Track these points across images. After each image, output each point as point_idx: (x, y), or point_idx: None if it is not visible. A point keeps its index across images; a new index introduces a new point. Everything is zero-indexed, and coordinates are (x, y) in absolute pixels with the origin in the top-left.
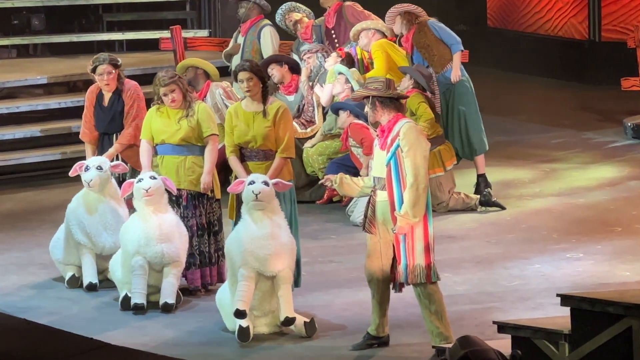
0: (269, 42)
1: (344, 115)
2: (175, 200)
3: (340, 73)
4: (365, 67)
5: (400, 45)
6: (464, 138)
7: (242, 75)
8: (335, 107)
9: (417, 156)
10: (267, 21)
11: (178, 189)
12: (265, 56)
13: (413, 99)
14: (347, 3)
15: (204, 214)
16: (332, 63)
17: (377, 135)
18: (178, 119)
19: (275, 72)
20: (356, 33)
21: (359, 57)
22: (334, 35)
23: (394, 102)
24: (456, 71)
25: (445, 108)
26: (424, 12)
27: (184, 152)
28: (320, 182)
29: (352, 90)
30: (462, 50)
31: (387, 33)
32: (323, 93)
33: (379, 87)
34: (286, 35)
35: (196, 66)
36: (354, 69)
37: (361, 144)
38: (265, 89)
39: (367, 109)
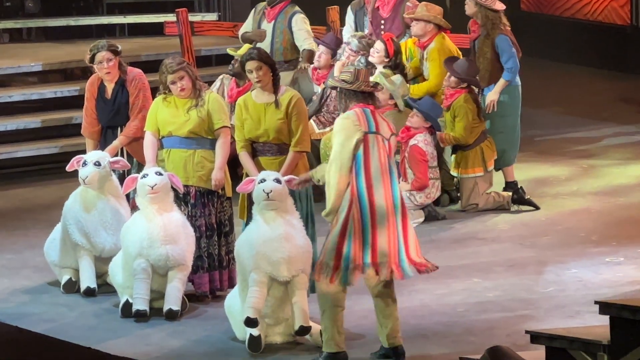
0: (303, 29)
1: (419, 120)
2: (182, 198)
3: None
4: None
5: (468, 30)
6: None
7: (250, 64)
8: (418, 108)
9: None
10: (296, 7)
11: (186, 186)
12: (299, 45)
13: (459, 105)
14: (409, 3)
15: (214, 213)
16: (379, 62)
17: None
18: (187, 109)
19: (323, 56)
20: (407, 21)
21: (407, 54)
22: (382, 26)
23: (361, 94)
24: (493, 96)
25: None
26: (506, 22)
27: (193, 145)
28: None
29: (396, 106)
30: (509, 81)
31: (443, 24)
32: None
33: (346, 78)
34: (315, 21)
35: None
36: (401, 80)
37: (414, 175)
38: (276, 78)
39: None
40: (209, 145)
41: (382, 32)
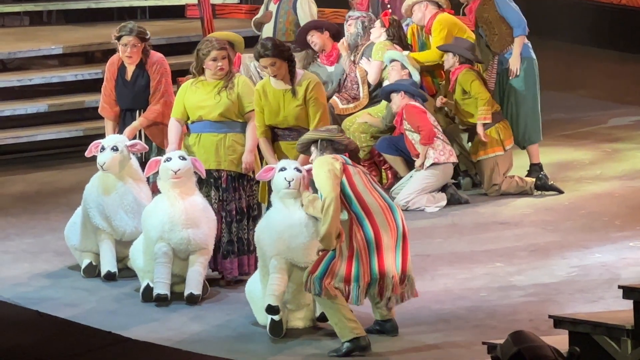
0: (307, 11)
1: (397, 98)
2: (213, 182)
3: (393, 60)
4: (421, 45)
5: (463, 14)
6: (516, 124)
7: (264, 62)
8: (387, 91)
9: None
10: None
11: (217, 170)
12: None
13: (465, 77)
14: None
15: (244, 196)
16: (378, 35)
17: None
18: (217, 92)
19: (316, 39)
20: (408, 7)
21: (410, 34)
22: (388, 7)
23: (338, 145)
24: (515, 61)
25: (500, 89)
26: None
27: (224, 129)
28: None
29: (410, 76)
30: (525, 35)
31: (443, 4)
32: (370, 69)
33: (327, 134)
34: (322, 2)
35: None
36: (407, 52)
37: (418, 131)
38: (292, 67)
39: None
40: (239, 128)
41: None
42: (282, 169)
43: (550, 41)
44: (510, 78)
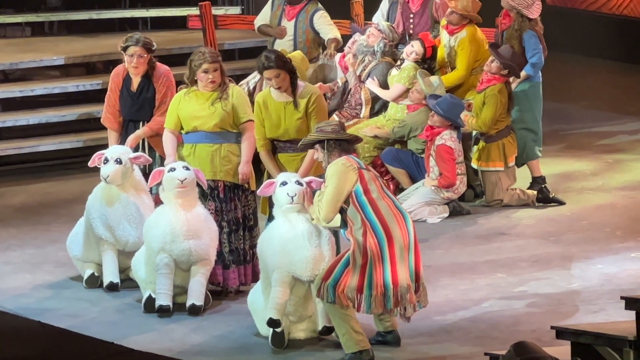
0: (326, 25)
1: (443, 121)
2: (209, 193)
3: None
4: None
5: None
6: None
7: (268, 73)
8: (440, 109)
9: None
10: (318, 4)
11: (213, 181)
12: (325, 37)
13: (492, 94)
14: (437, 0)
15: (240, 207)
16: (412, 57)
17: None
18: (211, 103)
19: (375, 32)
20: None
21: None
22: (411, 20)
23: (346, 143)
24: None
25: None
26: (540, 24)
27: (219, 139)
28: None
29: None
30: (530, 75)
31: (474, 18)
32: (393, 91)
33: (331, 130)
34: (336, 15)
35: None
36: (439, 82)
37: (439, 172)
38: (294, 79)
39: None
40: (234, 139)
41: (411, 26)
42: (283, 184)
43: (552, 52)
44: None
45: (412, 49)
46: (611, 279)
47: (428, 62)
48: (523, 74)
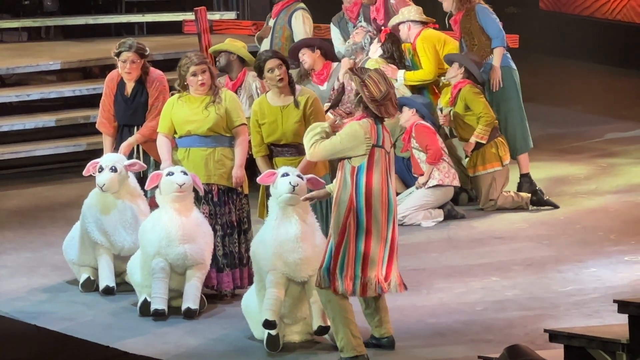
0: (300, 27)
1: (408, 113)
2: (204, 197)
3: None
4: (413, 64)
5: (449, 26)
6: (506, 135)
7: (271, 63)
8: (401, 104)
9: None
10: (300, 4)
11: (207, 184)
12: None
13: (469, 93)
14: (392, 0)
15: (234, 210)
16: (374, 50)
17: None
18: (204, 107)
19: (307, 58)
20: (394, 28)
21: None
22: (381, 23)
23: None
24: (495, 73)
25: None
26: None
27: (212, 143)
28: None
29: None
30: (503, 47)
31: (424, 19)
32: None
33: (376, 92)
34: (320, 18)
35: (230, 51)
36: (402, 71)
37: (425, 150)
38: (291, 79)
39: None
40: (227, 143)
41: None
42: (285, 174)
43: (545, 56)
44: (493, 91)
45: (373, 45)
46: (604, 283)
47: (388, 48)
48: (496, 52)
